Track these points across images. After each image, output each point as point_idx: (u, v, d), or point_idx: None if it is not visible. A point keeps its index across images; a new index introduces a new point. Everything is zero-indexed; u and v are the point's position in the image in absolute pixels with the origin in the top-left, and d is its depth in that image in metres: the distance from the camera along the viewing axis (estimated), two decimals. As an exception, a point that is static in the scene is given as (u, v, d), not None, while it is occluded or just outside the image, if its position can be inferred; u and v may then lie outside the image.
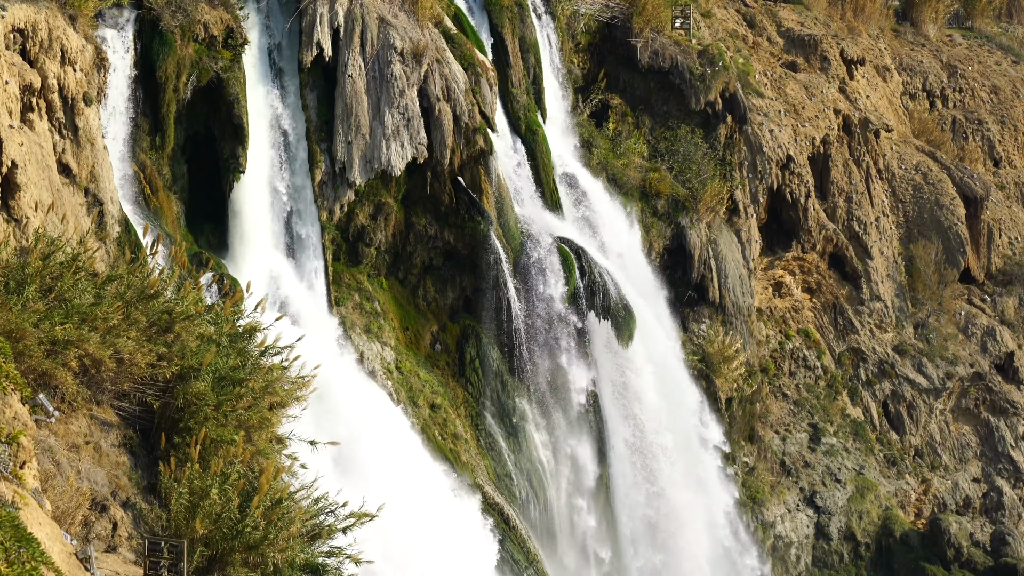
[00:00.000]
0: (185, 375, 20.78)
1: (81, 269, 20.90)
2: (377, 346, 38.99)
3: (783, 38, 59.67)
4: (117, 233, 30.93)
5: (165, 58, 34.18)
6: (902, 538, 52.58)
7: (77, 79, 29.82)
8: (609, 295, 42.39)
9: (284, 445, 22.60)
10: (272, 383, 21.74)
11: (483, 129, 40.37)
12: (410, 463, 35.53)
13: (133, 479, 20.21)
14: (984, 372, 57.70)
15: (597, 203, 45.78)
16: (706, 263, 48.39)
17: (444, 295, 41.30)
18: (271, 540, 18.62)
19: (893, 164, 59.91)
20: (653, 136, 49.94)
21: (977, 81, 67.26)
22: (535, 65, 45.35)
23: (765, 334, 53.53)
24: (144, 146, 34.45)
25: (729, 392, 48.93)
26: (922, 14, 67.94)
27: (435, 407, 39.40)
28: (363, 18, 38.59)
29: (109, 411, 20.83)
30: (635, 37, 49.52)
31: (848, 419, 54.66)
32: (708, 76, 49.43)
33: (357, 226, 39.57)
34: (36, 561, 13.89)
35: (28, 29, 28.57)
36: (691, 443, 46.15)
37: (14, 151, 26.29)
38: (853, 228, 56.34)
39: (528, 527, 39.98)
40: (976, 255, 60.23)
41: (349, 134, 38.14)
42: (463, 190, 40.55)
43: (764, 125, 52.84)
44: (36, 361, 19.07)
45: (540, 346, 41.58)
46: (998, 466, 57.12)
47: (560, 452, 42.23)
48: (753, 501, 50.00)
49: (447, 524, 34.89)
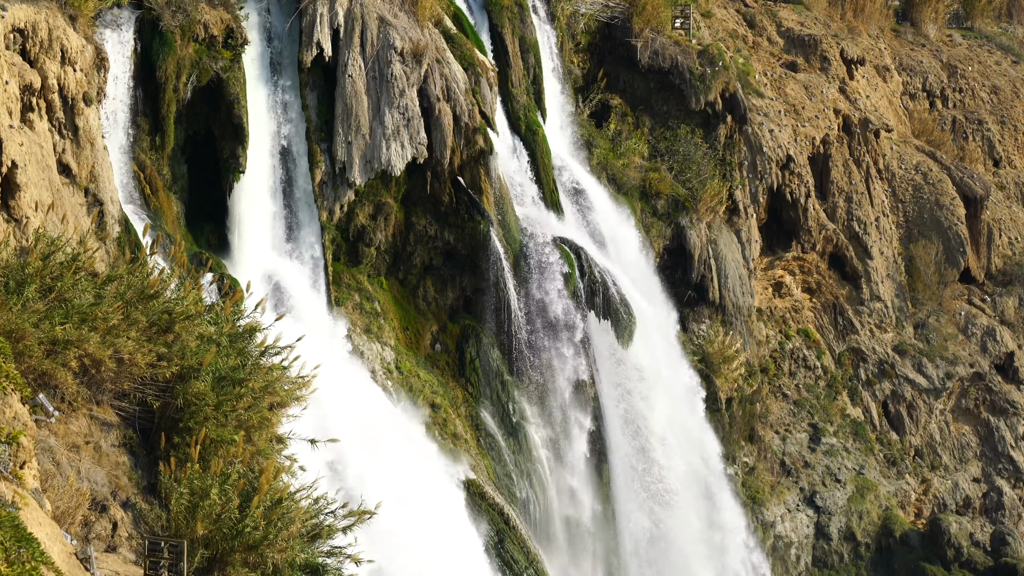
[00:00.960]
0: (185, 375, 20.76)
1: (81, 269, 20.88)
2: (377, 346, 38.98)
3: (783, 38, 59.66)
4: (117, 233, 30.92)
5: (165, 58, 34.18)
6: (902, 538, 52.58)
7: (77, 79, 29.81)
8: (609, 295, 42.38)
9: (284, 445, 22.58)
10: (272, 383, 21.73)
11: (483, 129, 40.35)
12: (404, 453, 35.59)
13: (133, 479, 20.21)
14: (984, 372, 57.69)
15: (597, 203, 45.78)
16: (706, 263, 48.39)
17: (444, 295, 41.29)
18: (271, 540, 18.62)
19: (893, 164, 59.90)
20: (653, 136, 49.94)
21: (977, 81, 67.25)
22: (535, 65, 45.34)
23: (765, 334, 53.52)
24: (144, 146, 34.44)
25: (729, 392, 48.92)
26: (922, 14, 67.94)
27: (435, 407, 39.40)
28: (363, 18, 38.58)
29: (109, 411, 20.83)
30: (635, 37, 49.52)
31: (848, 419, 54.65)
32: (708, 76, 49.42)
33: (357, 226, 39.56)
34: (36, 561, 13.89)
35: (28, 29, 28.56)
36: (692, 443, 46.15)
37: (14, 151, 26.29)
38: (853, 228, 56.33)
39: (528, 527, 39.98)
40: (976, 255, 60.22)
41: (349, 134, 38.13)
42: (463, 190, 40.54)
43: (764, 125, 52.83)
44: (36, 361, 19.06)
45: (540, 346, 41.56)
46: (998, 466, 57.11)
47: (560, 452, 42.21)
48: (753, 501, 50.00)
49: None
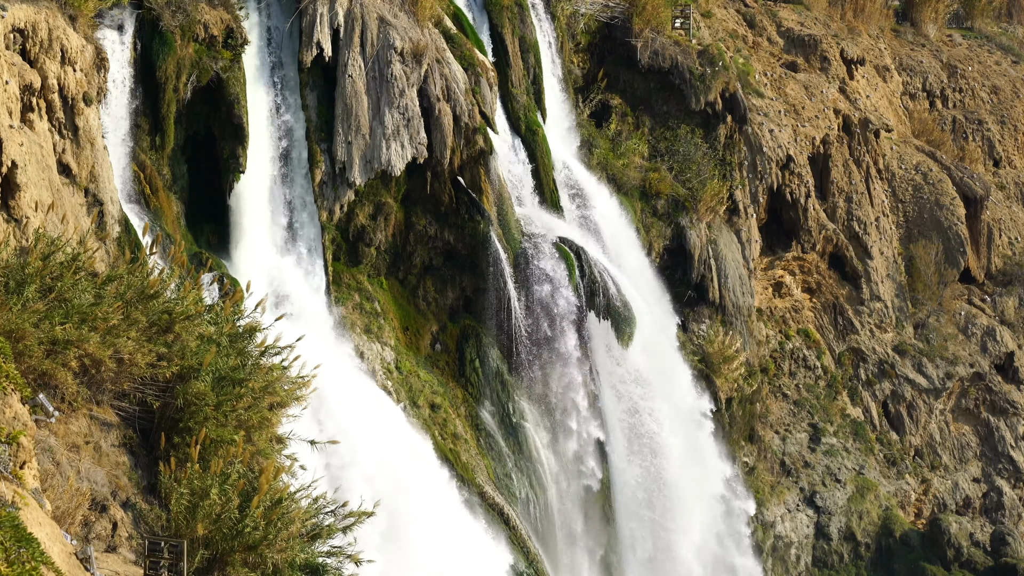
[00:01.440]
0: (185, 375, 20.75)
1: (81, 269, 20.87)
2: (377, 346, 38.98)
3: (783, 38, 59.65)
4: (117, 233, 30.92)
5: (165, 58, 34.18)
6: (902, 538, 52.57)
7: (77, 79, 29.81)
8: (609, 295, 42.38)
9: (284, 445, 22.58)
10: (272, 383, 21.72)
11: (483, 129, 40.35)
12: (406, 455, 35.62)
13: (133, 479, 20.20)
14: (984, 372, 57.68)
15: (597, 203, 45.77)
16: (706, 263, 48.37)
17: (444, 295, 41.28)
18: (271, 540, 18.61)
19: (893, 164, 59.89)
20: (653, 136, 49.92)
21: (977, 81, 67.24)
22: (535, 65, 45.33)
23: (765, 334, 53.51)
24: (144, 146, 34.45)
25: (729, 392, 48.91)
26: (922, 14, 67.93)
27: (435, 407, 39.39)
28: (363, 18, 38.57)
29: (109, 411, 20.82)
30: (635, 37, 49.51)
31: (848, 419, 54.64)
32: (708, 76, 49.42)
33: (357, 226, 39.56)
34: (36, 561, 13.88)
35: (28, 29, 28.56)
36: (692, 443, 46.13)
37: (14, 151, 26.28)
38: (853, 228, 56.32)
39: (528, 527, 39.97)
40: (976, 255, 60.21)
41: (349, 134, 38.12)
42: (463, 190, 40.53)
43: (764, 125, 52.82)
44: (36, 361, 19.05)
45: (540, 346, 41.56)
46: (998, 466, 57.11)
47: (560, 452, 42.21)
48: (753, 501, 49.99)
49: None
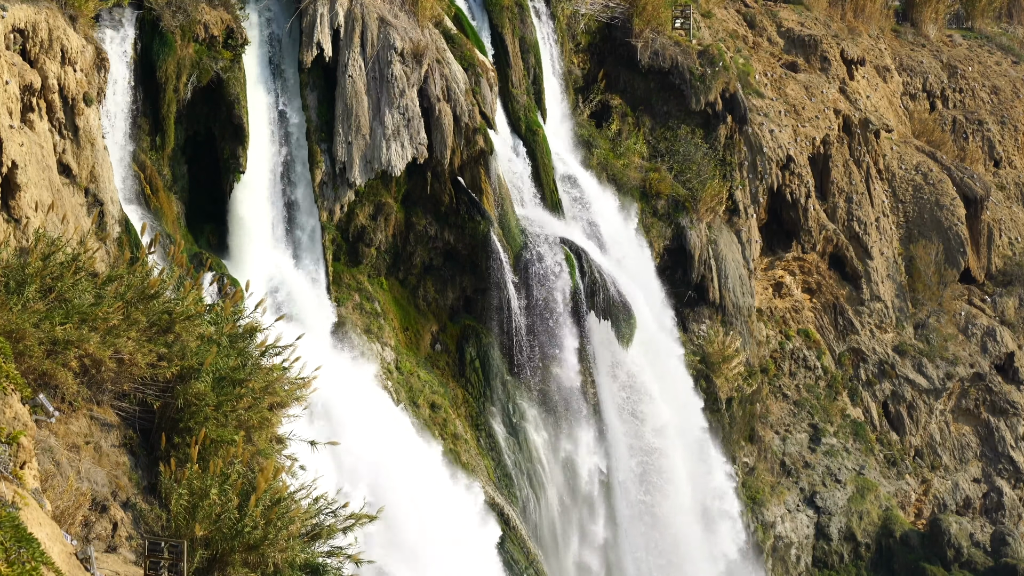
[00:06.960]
0: (185, 375, 20.74)
1: (81, 269, 20.85)
2: (377, 346, 38.97)
3: (783, 38, 59.65)
4: (117, 233, 30.91)
5: (165, 58, 34.19)
6: (902, 538, 52.57)
7: (77, 79, 29.81)
8: (609, 295, 42.37)
9: (284, 445, 22.57)
10: (272, 383, 21.71)
11: (483, 129, 40.35)
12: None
13: (133, 479, 20.19)
14: (984, 372, 57.68)
15: (597, 203, 45.77)
16: (706, 263, 48.37)
17: (444, 295, 41.28)
18: (271, 540, 18.60)
19: (893, 164, 59.89)
20: (653, 136, 49.93)
21: (977, 81, 67.25)
22: (535, 65, 45.33)
23: (765, 334, 53.51)
24: (144, 146, 34.45)
25: (729, 392, 48.91)
26: (922, 14, 67.94)
27: (435, 407, 39.39)
28: (363, 18, 38.57)
29: (109, 411, 20.81)
30: (635, 37, 49.52)
31: (848, 419, 54.64)
32: (708, 76, 49.42)
33: (357, 226, 39.56)
34: (36, 561, 13.88)
35: (28, 29, 28.55)
36: (692, 443, 46.14)
37: (14, 151, 26.29)
38: (853, 228, 56.32)
39: (528, 527, 39.97)
40: (976, 255, 60.21)
41: (349, 134, 38.12)
42: (463, 190, 40.53)
43: (764, 125, 52.82)
44: (36, 361, 19.04)
45: (540, 346, 41.56)
46: (998, 466, 57.11)
47: (560, 452, 42.21)
48: (753, 501, 49.99)
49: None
